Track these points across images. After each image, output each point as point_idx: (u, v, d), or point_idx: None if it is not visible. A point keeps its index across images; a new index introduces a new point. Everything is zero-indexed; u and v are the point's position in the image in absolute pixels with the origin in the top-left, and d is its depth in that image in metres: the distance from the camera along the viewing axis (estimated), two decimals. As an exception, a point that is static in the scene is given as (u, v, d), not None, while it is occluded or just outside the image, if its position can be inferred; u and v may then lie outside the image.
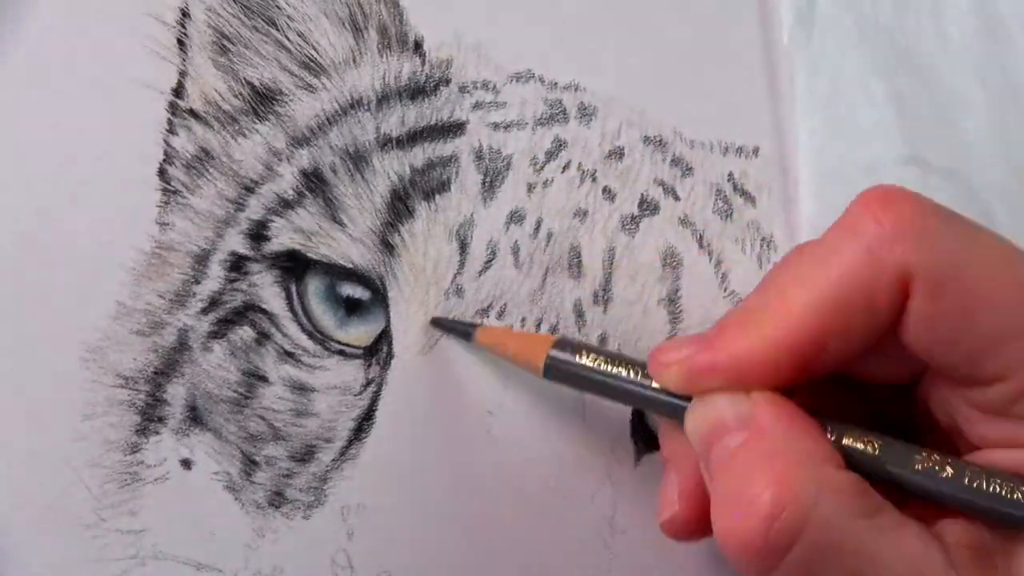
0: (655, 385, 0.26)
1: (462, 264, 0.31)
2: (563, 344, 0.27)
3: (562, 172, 0.32)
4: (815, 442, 0.23)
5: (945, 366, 0.24)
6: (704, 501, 0.25)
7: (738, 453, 0.23)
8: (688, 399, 0.25)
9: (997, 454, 0.24)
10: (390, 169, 0.31)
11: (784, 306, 0.24)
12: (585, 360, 0.27)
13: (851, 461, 0.23)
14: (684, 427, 0.25)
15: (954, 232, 0.23)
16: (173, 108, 0.31)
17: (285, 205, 0.31)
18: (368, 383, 0.30)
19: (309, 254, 0.31)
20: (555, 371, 0.27)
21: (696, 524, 0.26)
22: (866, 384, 0.26)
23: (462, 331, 0.30)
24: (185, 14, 0.32)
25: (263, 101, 0.32)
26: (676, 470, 0.27)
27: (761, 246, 0.33)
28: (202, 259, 0.31)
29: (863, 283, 0.23)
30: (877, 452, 0.24)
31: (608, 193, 0.32)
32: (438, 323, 0.30)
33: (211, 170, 0.31)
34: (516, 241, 0.31)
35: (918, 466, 0.23)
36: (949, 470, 0.23)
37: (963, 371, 0.23)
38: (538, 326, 0.31)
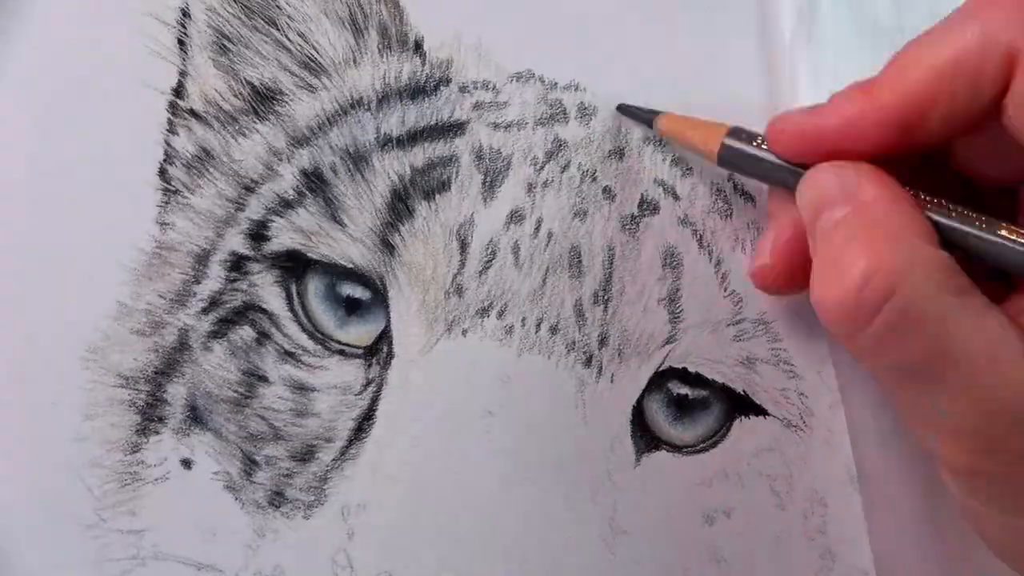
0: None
1: (462, 264, 0.31)
2: (737, 133, 0.30)
3: (562, 172, 0.32)
4: (912, 217, 0.24)
5: None
6: (791, 256, 0.28)
7: (840, 224, 0.25)
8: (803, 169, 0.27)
9: None
10: (390, 169, 0.31)
11: (895, 75, 0.25)
12: (754, 150, 0.29)
13: (946, 240, 0.24)
14: (796, 197, 0.27)
15: None
16: (173, 108, 0.31)
17: (285, 205, 0.31)
18: (368, 383, 0.30)
19: (309, 254, 0.31)
20: (729, 157, 0.30)
21: (781, 276, 0.29)
22: (974, 185, 0.27)
23: (644, 117, 0.33)
24: (185, 14, 0.32)
25: (263, 101, 0.32)
26: (774, 226, 0.29)
27: (761, 246, 0.33)
28: (202, 259, 0.31)
29: (973, 58, 0.24)
30: (974, 223, 0.25)
31: (608, 193, 0.32)
32: (623, 109, 0.33)
33: (211, 170, 0.31)
34: (516, 241, 0.31)
35: (1008, 233, 0.24)
36: None
37: None
38: (538, 326, 0.31)
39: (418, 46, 0.33)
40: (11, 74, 0.31)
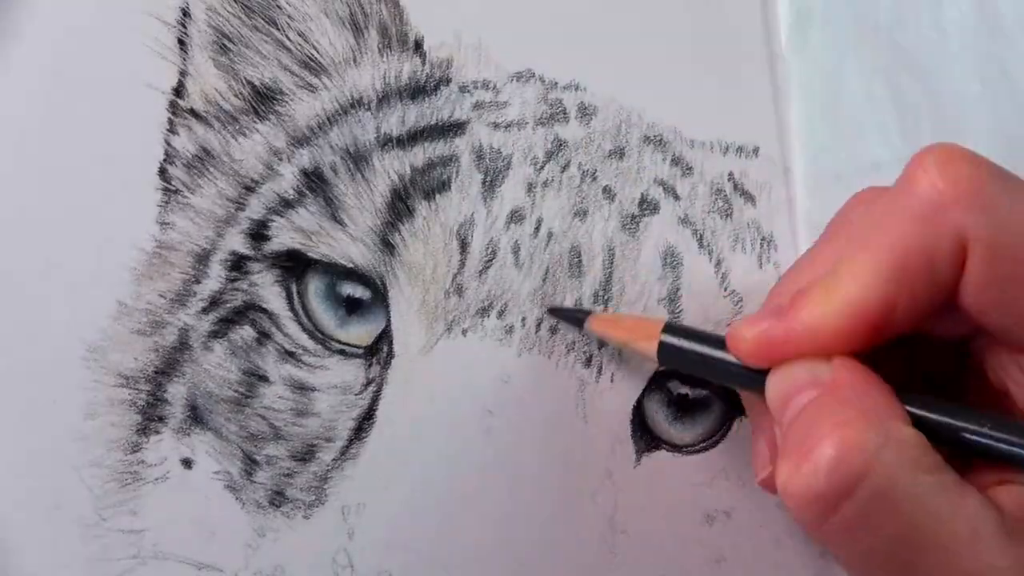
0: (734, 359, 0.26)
1: (462, 263, 0.31)
2: (672, 329, 0.28)
3: (562, 172, 0.32)
4: (885, 399, 0.23)
5: (999, 330, 0.24)
6: None
7: (808, 407, 0.23)
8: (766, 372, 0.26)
9: None
10: (390, 169, 0.31)
11: (852, 274, 0.24)
12: (694, 345, 0.28)
13: (918, 424, 0.23)
14: (765, 392, 0.25)
15: (1011, 194, 0.23)
16: (174, 107, 0.31)
17: (285, 204, 0.31)
18: (368, 382, 0.31)
19: (309, 253, 0.31)
20: (667, 355, 0.28)
21: None
22: (920, 342, 0.26)
23: (574, 319, 0.31)
24: (186, 13, 0.32)
25: (263, 100, 0.32)
26: (760, 435, 0.28)
27: (761, 246, 0.33)
28: (203, 258, 0.31)
29: (923, 248, 0.23)
30: (945, 415, 0.24)
31: (608, 193, 0.32)
32: (553, 312, 0.31)
33: (212, 169, 0.31)
34: (516, 241, 0.31)
35: (986, 426, 0.23)
36: (1013, 433, 0.23)
37: (1016, 336, 0.24)
38: (538, 325, 0.31)
39: (418, 46, 0.33)
40: (11, 74, 0.31)
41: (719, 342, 0.27)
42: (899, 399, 0.24)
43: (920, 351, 0.27)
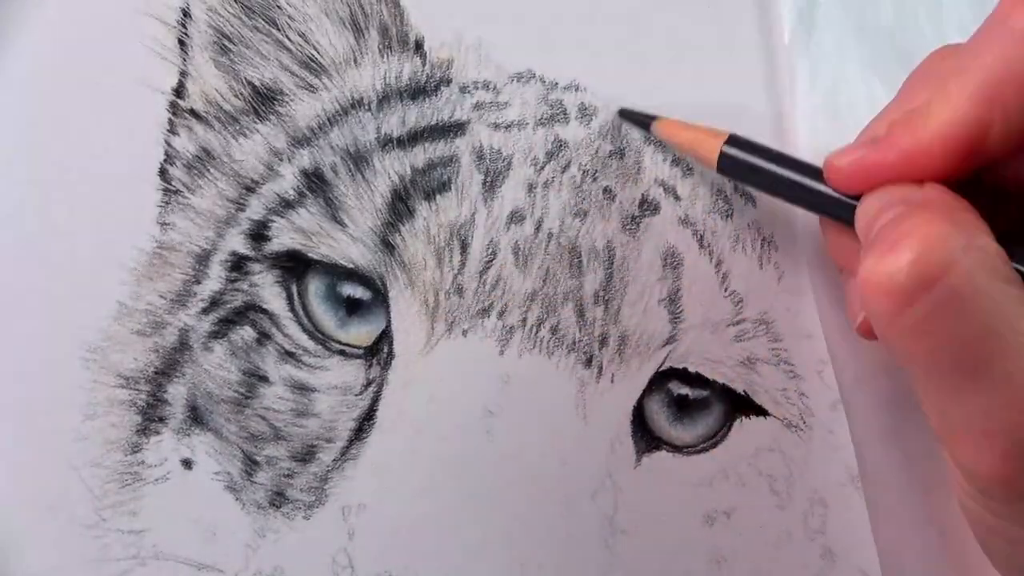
0: (824, 187, 0.27)
1: (463, 264, 0.31)
2: (735, 141, 0.29)
3: (563, 172, 0.32)
4: (972, 215, 0.24)
5: None
6: None
7: (897, 216, 0.24)
8: (857, 199, 0.26)
9: None
10: (391, 169, 0.31)
11: (946, 99, 0.24)
12: (756, 159, 0.29)
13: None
14: (855, 218, 0.26)
15: None
16: (174, 108, 0.31)
17: (286, 205, 0.31)
18: (369, 383, 0.31)
19: (310, 254, 0.31)
20: (727, 165, 0.29)
21: None
22: (1003, 199, 0.27)
23: (642, 121, 0.32)
24: (186, 14, 0.32)
25: (264, 101, 0.32)
26: (853, 277, 0.28)
27: (761, 246, 0.33)
28: (203, 259, 0.31)
29: (1018, 68, 0.24)
30: None
31: (609, 193, 0.32)
32: (624, 113, 0.33)
33: (212, 170, 0.31)
34: (517, 241, 0.31)
35: None
36: None
37: None
38: (539, 326, 0.31)
39: (419, 46, 0.33)
40: (12, 74, 0.31)
41: (783, 159, 0.28)
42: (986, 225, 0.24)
43: (996, 209, 0.27)
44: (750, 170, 0.29)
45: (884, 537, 0.32)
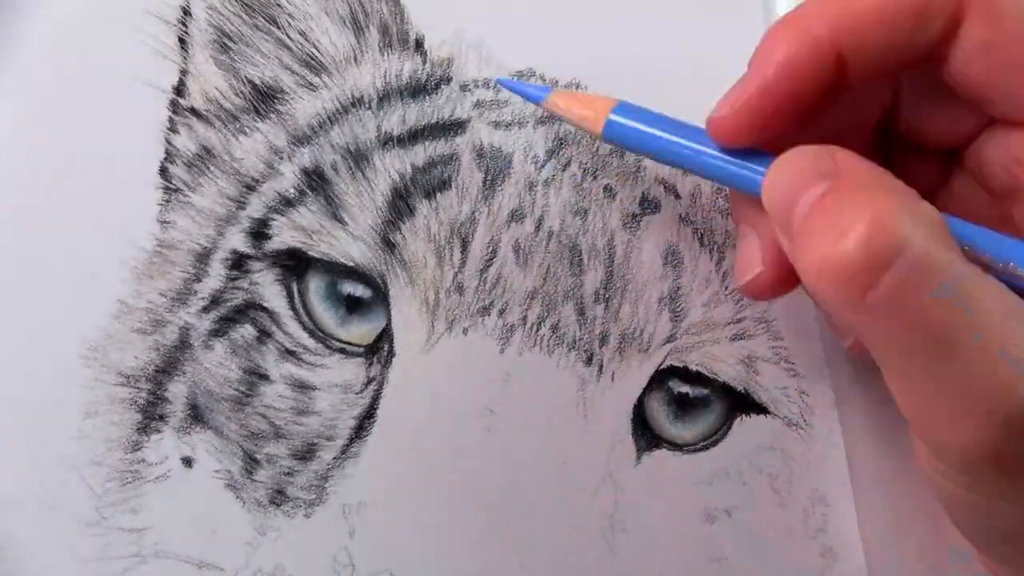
0: (716, 152, 0.26)
1: (463, 262, 0.31)
2: (624, 109, 0.27)
3: (563, 170, 0.32)
4: (899, 182, 0.23)
5: (999, 101, 0.23)
6: (783, 258, 0.25)
7: (825, 196, 0.23)
8: (760, 166, 0.25)
9: None
10: (391, 167, 0.31)
11: (823, 13, 0.24)
12: (644, 126, 0.27)
13: None
14: (762, 191, 0.25)
15: None
16: (174, 106, 0.31)
17: (286, 203, 0.31)
18: (369, 381, 0.31)
19: (310, 252, 0.31)
20: (614, 134, 0.28)
21: (779, 282, 0.26)
22: (904, 159, 0.26)
23: (531, 95, 0.30)
24: (186, 12, 0.32)
25: (264, 99, 0.32)
26: (755, 233, 0.27)
27: (762, 244, 0.33)
28: (203, 257, 0.31)
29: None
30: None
31: (609, 191, 0.32)
32: (504, 83, 0.31)
33: (212, 168, 0.31)
34: (517, 239, 0.31)
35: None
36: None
37: (1016, 108, 0.23)
38: (539, 324, 0.31)
39: (419, 44, 0.33)
40: (12, 73, 0.31)
41: (675, 124, 0.27)
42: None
43: (904, 168, 0.26)
44: (638, 138, 0.27)
45: (873, 538, 0.32)
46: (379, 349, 0.31)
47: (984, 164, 0.26)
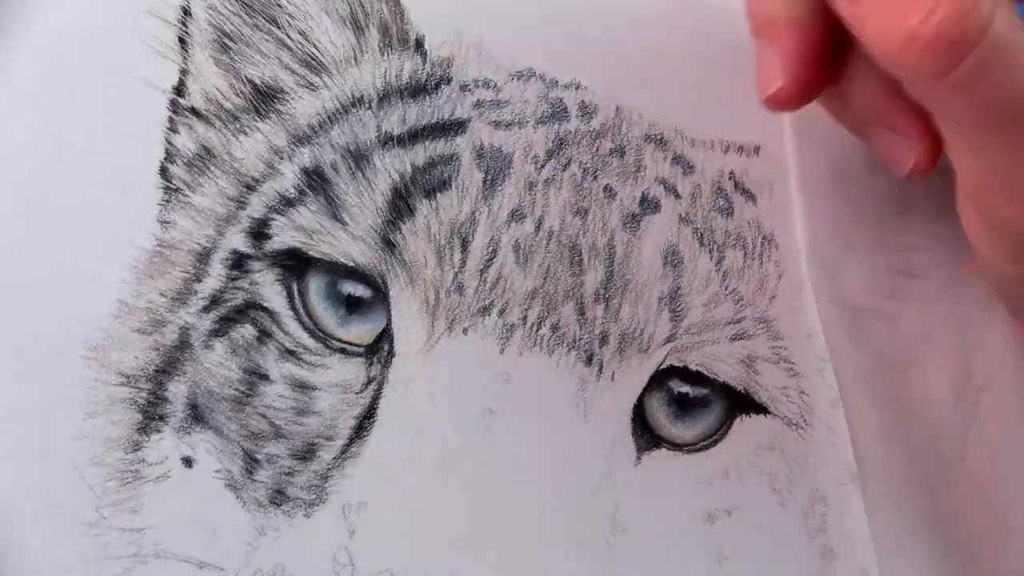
0: None
1: (463, 262, 0.31)
2: None
3: (563, 170, 0.32)
4: None
5: None
6: (810, 67, 0.26)
7: None
8: None
9: None
10: (391, 167, 0.31)
11: None
12: None
13: None
14: None
15: None
16: (174, 106, 0.31)
17: (286, 203, 0.31)
18: (369, 381, 0.31)
19: (310, 252, 0.31)
20: None
21: (799, 93, 0.27)
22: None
23: None
24: (186, 12, 0.32)
25: (264, 99, 0.32)
26: (774, 43, 0.27)
27: (762, 244, 0.33)
28: (203, 257, 0.31)
29: None
30: None
31: (609, 191, 0.32)
32: None
33: (212, 168, 0.31)
34: (517, 239, 0.31)
35: None
36: None
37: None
38: (539, 324, 0.31)
39: (419, 44, 0.33)
40: (11, 73, 0.31)
41: None
42: None
43: None
44: None
45: (882, 537, 0.32)
46: (379, 349, 0.31)
47: None
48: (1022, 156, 0.23)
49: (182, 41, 0.32)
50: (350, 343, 0.31)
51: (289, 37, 0.32)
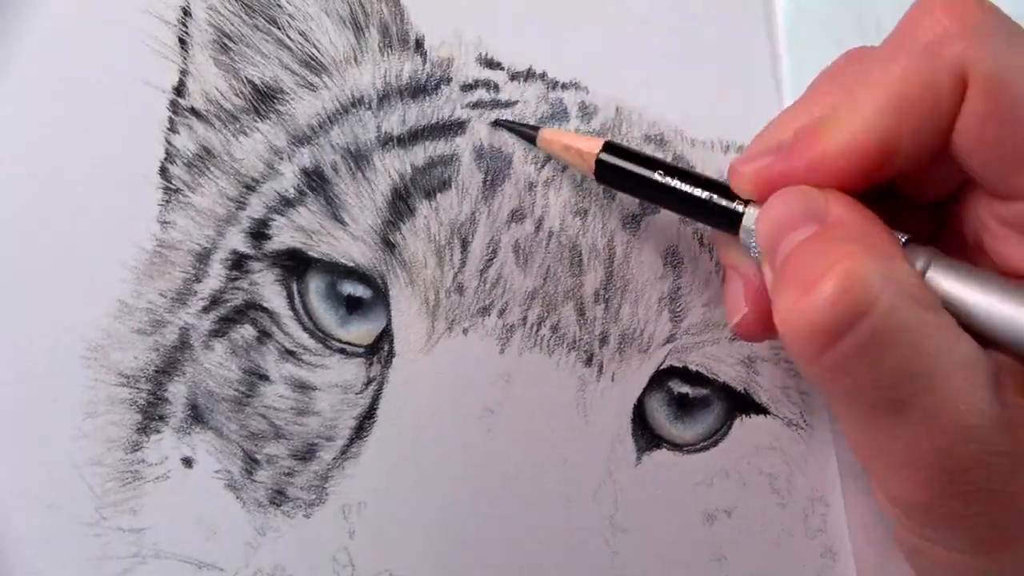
0: (704, 195, 0.26)
1: (463, 262, 0.31)
2: (611, 148, 0.28)
3: (563, 171, 0.32)
4: (884, 235, 0.23)
5: (988, 172, 0.23)
6: (766, 301, 0.25)
7: (807, 242, 0.23)
8: (743, 204, 0.26)
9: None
10: (391, 168, 0.31)
11: (855, 109, 0.24)
12: (632, 166, 0.28)
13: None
14: (752, 227, 0.25)
15: (1014, 35, 0.23)
16: (174, 106, 0.31)
17: (286, 203, 0.31)
18: (369, 381, 0.31)
19: (310, 252, 0.31)
20: (605, 174, 0.29)
21: (766, 323, 0.27)
22: (897, 205, 0.26)
23: (525, 133, 0.31)
24: (186, 12, 0.32)
25: (264, 99, 0.32)
26: (739, 275, 0.28)
27: (762, 245, 0.33)
28: (203, 257, 0.31)
29: (926, 81, 0.23)
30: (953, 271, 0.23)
31: (609, 192, 0.32)
32: (500, 123, 0.32)
33: (212, 168, 0.31)
34: (517, 240, 0.31)
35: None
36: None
37: (998, 180, 0.23)
38: (539, 324, 0.31)
39: (419, 45, 0.33)
40: (12, 73, 0.31)
41: (663, 165, 0.27)
42: (898, 239, 0.23)
43: (897, 214, 0.26)
44: (628, 178, 0.28)
45: (861, 544, 0.32)
46: (379, 349, 0.31)
47: (955, 218, 0.26)
48: (897, 442, 0.22)
49: (182, 41, 0.32)
50: (350, 343, 0.31)
51: (289, 37, 0.32)
